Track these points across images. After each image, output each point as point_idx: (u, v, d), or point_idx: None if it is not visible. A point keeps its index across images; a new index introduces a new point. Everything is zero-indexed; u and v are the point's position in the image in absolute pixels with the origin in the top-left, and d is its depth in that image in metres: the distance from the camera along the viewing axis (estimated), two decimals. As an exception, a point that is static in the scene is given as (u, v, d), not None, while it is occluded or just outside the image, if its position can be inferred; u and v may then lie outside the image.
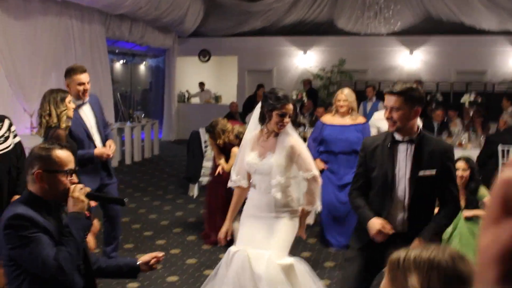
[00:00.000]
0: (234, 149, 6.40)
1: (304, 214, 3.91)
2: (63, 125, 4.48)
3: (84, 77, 5.04)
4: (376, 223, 3.36)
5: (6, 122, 4.36)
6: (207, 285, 4.12)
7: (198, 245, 6.39)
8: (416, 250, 1.78)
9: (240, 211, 4.18)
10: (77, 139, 4.92)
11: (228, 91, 17.37)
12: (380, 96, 12.14)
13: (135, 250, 6.13)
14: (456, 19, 15.10)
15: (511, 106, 11.49)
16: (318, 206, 3.98)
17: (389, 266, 1.78)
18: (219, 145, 6.50)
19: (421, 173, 3.36)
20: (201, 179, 8.60)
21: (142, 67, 18.66)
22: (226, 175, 6.24)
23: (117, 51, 15.37)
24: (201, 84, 17.28)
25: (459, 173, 5.34)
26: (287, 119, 3.82)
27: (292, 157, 3.82)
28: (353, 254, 3.61)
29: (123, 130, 12.11)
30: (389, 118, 3.37)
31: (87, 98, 5.13)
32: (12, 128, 4.38)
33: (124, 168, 11.33)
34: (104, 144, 5.18)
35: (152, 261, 2.99)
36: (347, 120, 6.34)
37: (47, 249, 2.50)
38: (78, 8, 10.66)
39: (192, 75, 17.22)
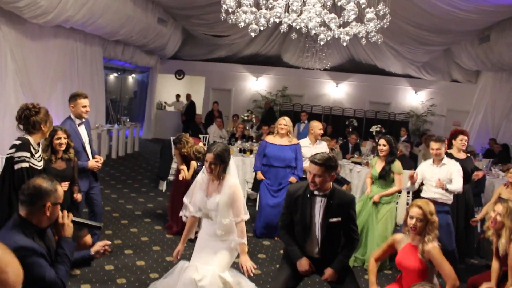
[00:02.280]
0: (193, 162, 6.37)
1: (242, 248, 3.74)
2: (46, 157, 4.33)
3: (87, 101, 4.97)
4: (305, 265, 3.56)
5: (40, 147, 4.25)
6: (166, 278, 4.02)
7: (163, 234, 6.28)
8: None
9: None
10: (75, 150, 4.85)
11: (196, 103, 17.21)
12: (311, 120, 12.34)
13: (113, 236, 5.99)
14: (371, 62, 15.43)
15: (406, 134, 11.86)
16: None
17: None
18: (183, 154, 6.44)
19: (330, 220, 3.50)
20: (169, 177, 8.54)
21: (130, 80, 18.31)
22: (186, 180, 6.24)
23: (111, 66, 15.04)
24: (178, 96, 17.12)
25: (379, 147, 5.67)
26: (207, 164, 3.65)
27: (232, 200, 3.69)
28: (285, 264, 3.72)
29: (111, 130, 11.88)
30: (312, 182, 3.45)
31: (84, 119, 5.06)
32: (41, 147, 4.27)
33: (110, 162, 11.07)
34: (93, 157, 5.11)
35: (101, 250, 2.88)
36: (285, 141, 6.45)
37: (48, 270, 2.40)
38: (83, 33, 10.37)
39: (169, 89, 17.02)
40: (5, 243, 2.33)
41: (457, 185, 5.15)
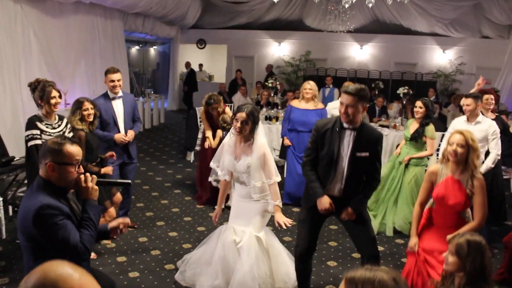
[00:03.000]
0: (219, 131, 6.36)
1: (276, 208, 3.80)
2: (79, 127, 4.41)
3: (115, 76, 5.04)
4: (325, 202, 3.52)
5: (65, 121, 4.37)
6: (201, 247, 4.18)
7: (193, 204, 6.38)
8: (368, 273, 1.63)
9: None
10: (105, 122, 4.97)
11: (219, 72, 17.22)
12: (336, 84, 12.20)
13: (145, 209, 6.13)
14: (396, 22, 14.97)
15: (434, 94, 11.60)
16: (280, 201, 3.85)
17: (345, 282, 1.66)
18: (213, 116, 6.34)
19: (358, 154, 3.46)
20: (196, 147, 8.59)
21: (152, 52, 18.32)
22: (212, 149, 6.25)
23: (132, 39, 15.04)
24: (200, 65, 17.09)
25: (415, 109, 5.58)
26: (238, 124, 3.69)
27: (263, 162, 3.73)
28: (303, 216, 3.72)
29: (137, 103, 11.95)
30: (345, 113, 3.41)
31: (119, 93, 5.11)
32: (69, 126, 4.39)
33: (137, 135, 11.11)
34: (126, 132, 5.18)
35: (120, 226, 2.80)
36: (310, 106, 6.42)
37: (73, 234, 2.37)
38: (102, 8, 10.36)
39: (191, 59, 16.93)
40: (31, 203, 2.35)
41: (491, 159, 4.89)
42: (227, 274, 3.82)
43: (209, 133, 6.40)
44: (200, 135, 8.44)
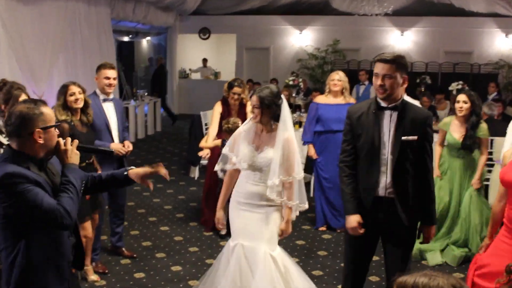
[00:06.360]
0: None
1: (288, 212, 3.90)
2: (62, 118, 4.41)
3: (110, 73, 5.16)
4: (353, 221, 3.51)
5: None
6: (210, 275, 4.17)
7: (200, 231, 6.38)
8: (424, 278, 1.77)
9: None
10: (97, 128, 5.04)
11: (227, 68, 17.31)
12: (372, 80, 12.14)
13: (141, 237, 6.14)
14: (446, 1, 14.92)
15: (496, 90, 11.50)
16: (301, 204, 3.94)
17: None
18: (235, 105, 6.22)
19: (404, 138, 3.43)
20: (202, 161, 8.59)
21: (144, 44, 18.53)
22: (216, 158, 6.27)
23: (121, 29, 15.21)
24: (204, 60, 17.23)
25: (459, 104, 5.39)
26: (252, 109, 3.87)
27: (285, 156, 3.80)
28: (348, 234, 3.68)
29: (127, 108, 12.05)
30: (381, 85, 3.39)
31: (111, 95, 5.25)
32: None
33: (129, 146, 11.29)
34: (121, 142, 5.23)
35: (162, 172, 3.11)
36: (341, 100, 6.36)
37: (46, 198, 2.46)
38: (85, -8, 10.52)
39: (192, 52, 17.11)
40: None
41: None
42: None
43: (212, 130, 6.19)
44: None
